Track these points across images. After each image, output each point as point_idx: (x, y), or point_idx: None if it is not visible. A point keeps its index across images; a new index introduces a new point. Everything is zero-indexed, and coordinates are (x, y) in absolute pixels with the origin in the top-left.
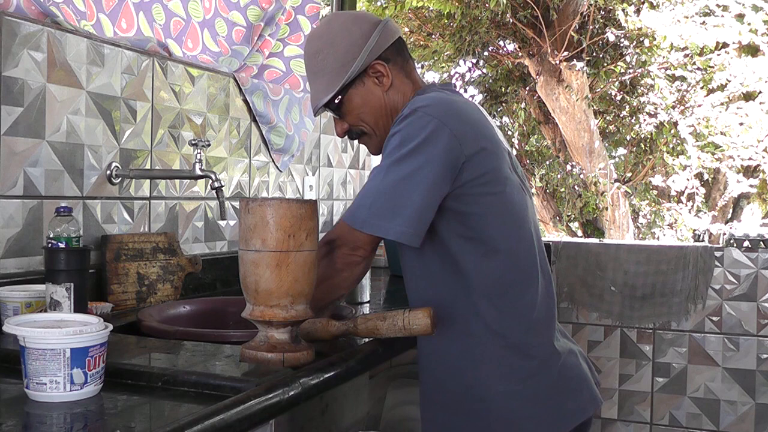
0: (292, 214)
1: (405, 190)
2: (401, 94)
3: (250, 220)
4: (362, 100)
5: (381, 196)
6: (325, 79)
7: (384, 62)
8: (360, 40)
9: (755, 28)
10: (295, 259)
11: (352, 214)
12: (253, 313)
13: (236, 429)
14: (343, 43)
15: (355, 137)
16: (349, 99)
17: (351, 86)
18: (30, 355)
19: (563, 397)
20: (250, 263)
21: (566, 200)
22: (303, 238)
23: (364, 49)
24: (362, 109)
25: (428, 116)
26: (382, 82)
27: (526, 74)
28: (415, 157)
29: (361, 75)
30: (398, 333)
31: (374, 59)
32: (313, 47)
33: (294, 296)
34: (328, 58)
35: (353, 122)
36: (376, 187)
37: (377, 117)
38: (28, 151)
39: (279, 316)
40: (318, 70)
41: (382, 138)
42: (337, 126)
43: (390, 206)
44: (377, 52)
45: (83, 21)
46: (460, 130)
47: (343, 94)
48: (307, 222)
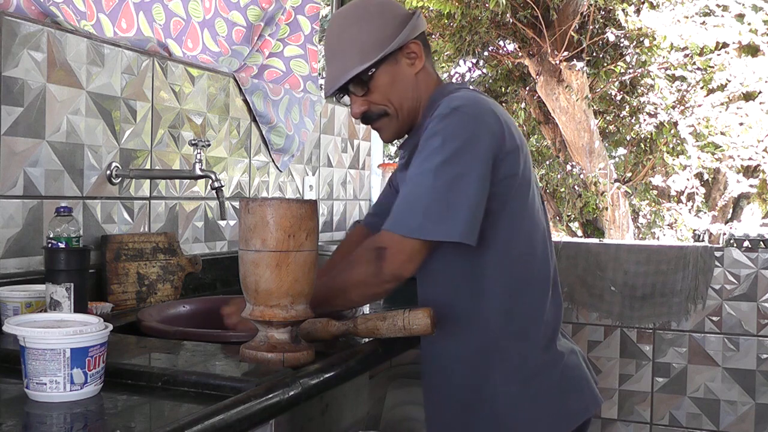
0: (292, 214)
1: (458, 191)
2: (426, 83)
3: (250, 220)
4: (393, 78)
5: (434, 200)
6: (358, 51)
7: (420, 44)
8: (400, 18)
9: (755, 28)
10: (295, 259)
11: (401, 222)
12: (253, 313)
13: (236, 429)
14: (382, 18)
15: (373, 119)
16: (380, 75)
17: (385, 62)
18: (30, 355)
19: (566, 397)
20: (250, 263)
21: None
22: (303, 238)
23: (407, 26)
24: (391, 87)
25: (468, 116)
26: (415, 63)
27: (526, 74)
28: (462, 158)
29: (395, 52)
30: (398, 333)
31: (411, 39)
32: (348, 19)
33: (294, 296)
34: (366, 29)
35: (379, 101)
36: (426, 192)
37: (403, 99)
38: (28, 151)
39: (279, 316)
40: (351, 41)
41: (402, 123)
42: (355, 105)
43: (444, 208)
44: (415, 33)
45: (83, 21)
46: (498, 130)
47: (377, 68)
48: (307, 222)
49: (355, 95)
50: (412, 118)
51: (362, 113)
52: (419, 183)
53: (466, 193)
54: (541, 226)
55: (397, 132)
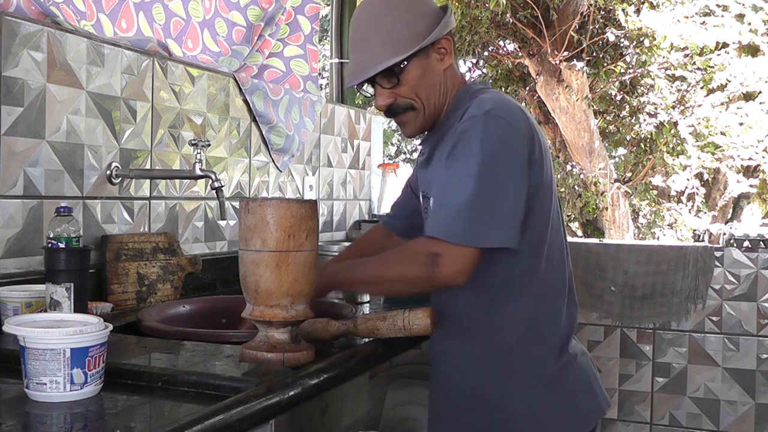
0: (292, 214)
1: (503, 197)
2: (452, 80)
3: (250, 220)
4: (423, 73)
5: (482, 207)
6: (392, 42)
7: (450, 40)
8: (434, 13)
9: (755, 28)
10: (295, 259)
11: (452, 230)
12: (253, 313)
13: (236, 429)
14: (418, 10)
15: (399, 112)
16: (411, 69)
17: (416, 56)
18: (30, 355)
19: (580, 398)
20: (250, 263)
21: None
22: (303, 238)
23: (442, 21)
24: (421, 81)
25: (502, 119)
26: (444, 59)
27: (526, 74)
28: (502, 163)
29: (427, 47)
30: (398, 333)
31: (444, 34)
32: (381, 8)
33: (294, 296)
34: (400, 21)
35: (407, 94)
36: (471, 198)
37: (431, 94)
38: (28, 151)
39: (279, 316)
40: (384, 31)
41: (428, 118)
42: (381, 97)
43: (494, 215)
44: (447, 29)
45: (83, 21)
46: (529, 132)
47: (408, 61)
48: (307, 222)
49: (382, 87)
50: (437, 113)
51: (388, 106)
52: (462, 188)
53: (510, 199)
54: (561, 232)
55: (421, 127)
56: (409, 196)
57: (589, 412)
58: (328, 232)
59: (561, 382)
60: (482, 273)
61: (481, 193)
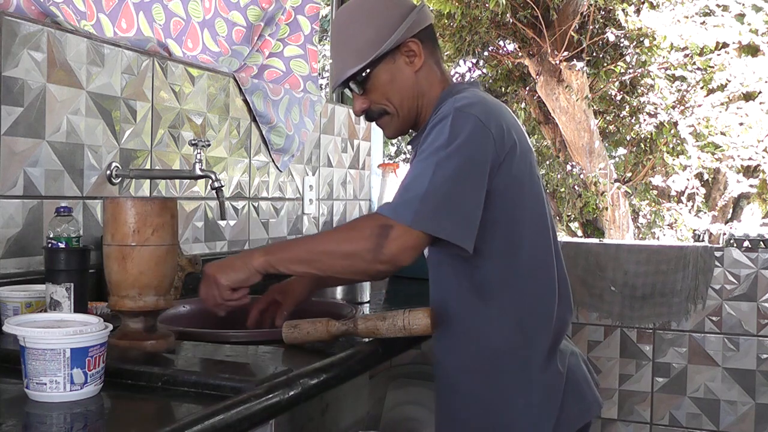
0: (136, 211)
1: (455, 190)
2: (428, 80)
3: (105, 216)
4: (391, 77)
5: (431, 195)
6: (355, 50)
7: (418, 42)
8: (398, 16)
9: (755, 28)
10: (139, 253)
11: (407, 211)
12: (110, 303)
13: (236, 429)
14: (381, 16)
15: (373, 117)
16: (378, 74)
17: (381, 61)
18: (30, 355)
19: (568, 400)
20: (105, 256)
21: (566, 200)
22: (149, 234)
23: (403, 23)
24: (389, 86)
25: (471, 116)
26: (413, 62)
27: (526, 74)
28: (462, 157)
29: (393, 51)
30: (398, 333)
31: (409, 37)
32: (347, 17)
33: (141, 288)
34: (363, 28)
35: (377, 100)
36: (424, 185)
37: (403, 97)
38: (28, 151)
39: (127, 306)
40: (350, 38)
41: (404, 121)
42: (357, 103)
43: (442, 206)
44: (413, 31)
45: (83, 21)
46: (498, 131)
47: (373, 68)
48: (153, 219)
49: (356, 93)
50: (414, 115)
51: (363, 111)
52: (421, 179)
53: (464, 195)
54: (546, 233)
55: (399, 129)
56: None
57: (576, 415)
58: None
59: (547, 384)
60: (462, 275)
61: (438, 185)
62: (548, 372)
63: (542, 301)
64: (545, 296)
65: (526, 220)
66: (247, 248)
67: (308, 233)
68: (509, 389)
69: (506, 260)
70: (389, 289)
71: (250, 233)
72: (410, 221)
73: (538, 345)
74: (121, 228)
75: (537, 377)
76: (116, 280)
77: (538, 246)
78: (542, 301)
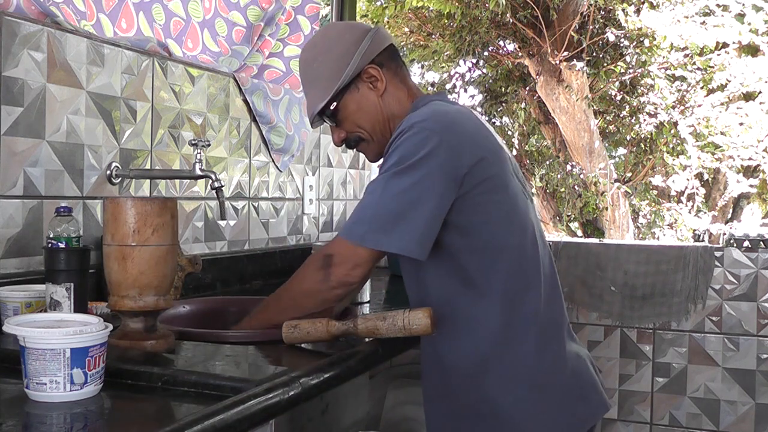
0: (136, 211)
1: (405, 203)
2: (396, 100)
3: (105, 216)
4: (357, 106)
5: (380, 210)
6: (320, 87)
7: (377, 66)
8: (353, 46)
9: (755, 28)
10: (140, 253)
11: (349, 230)
12: (110, 303)
13: (236, 429)
14: (336, 50)
15: (353, 145)
16: (345, 105)
17: (346, 92)
18: (30, 355)
19: (573, 403)
20: (104, 256)
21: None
22: (149, 234)
23: (356, 53)
24: (358, 114)
25: (426, 131)
26: (377, 86)
27: (526, 74)
28: (414, 172)
29: (355, 80)
30: (398, 333)
31: (367, 63)
32: (309, 56)
33: (141, 288)
34: (322, 65)
35: (350, 129)
36: (374, 201)
37: (374, 122)
38: (28, 151)
39: (127, 306)
40: (313, 78)
41: (381, 144)
42: (335, 134)
43: (391, 220)
44: (370, 57)
45: (83, 21)
46: (458, 143)
47: (339, 100)
48: (153, 218)
49: (331, 125)
50: (387, 137)
51: (342, 141)
52: (370, 193)
53: (415, 207)
54: (529, 228)
55: (378, 153)
56: None
57: (581, 418)
58: (328, 232)
59: (550, 385)
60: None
61: (385, 199)
62: (540, 370)
63: (527, 300)
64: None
65: (501, 221)
66: (247, 247)
67: (308, 233)
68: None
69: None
70: (389, 289)
71: (250, 233)
72: (359, 240)
73: (524, 345)
74: (121, 228)
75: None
76: (116, 280)
77: (522, 246)
78: (526, 301)
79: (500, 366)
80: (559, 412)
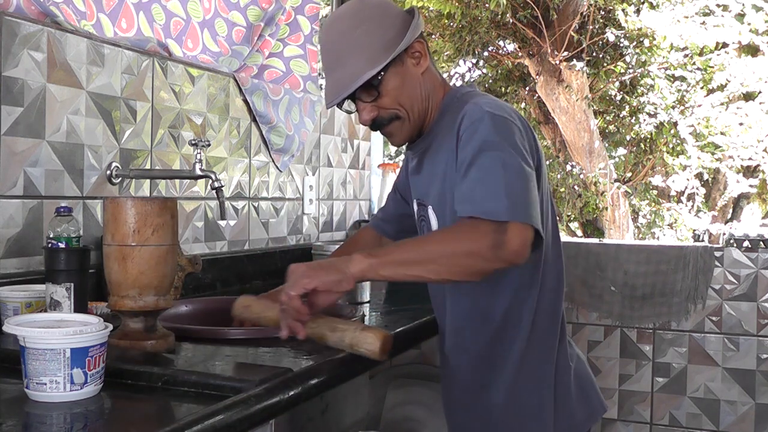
0: (136, 211)
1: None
2: (432, 81)
3: (105, 216)
4: (402, 81)
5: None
6: (366, 56)
7: (423, 41)
8: (401, 19)
9: (755, 28)
10: (140, 253)
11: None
12: (110, 303)
13: (236, 429)
14: (385, 20)
15: (383, 125)
16: (389, 78)
17: (392, 65)
18: (30, 355)
19: (576, 404)
20: (104, 256)
21: (566, 200)
22: (149, 234)
23: (411, 25)
24: (401, 90)
25: (504, 118)
26: (420, 63)
27: (526, 74)
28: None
29: (401, 54)
30: (345, 349)
31: (415, 38)
32: (347, 25)
33: (141, 288)
34: (369, 33)
35: (389, 105)
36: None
37: (413, 100)
38: (28, 151)
39: (128, 306)
40: (356, 46)
41: (415, 124)
42: (365, 112)
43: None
44: (417, 32)
45: (83, 21)
46: (529, 135)
47: (385, 72)
48: (153, 218)
49: (363, 101)
50: (422, 119)
51: (372, 119)
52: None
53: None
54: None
55: (409, 135)
56: (398, 201)
57: (583, 419)
58: (328, 232)
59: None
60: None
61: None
62: (546, 372)
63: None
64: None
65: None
66: (247, 247)
67: (308, 233)
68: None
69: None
70: (389, 289)
71: (250, 233)
72: (522, 217)
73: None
74: (121, 228)
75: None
76: (116, 280)
77: (552, 245)
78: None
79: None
80: (563, 413)
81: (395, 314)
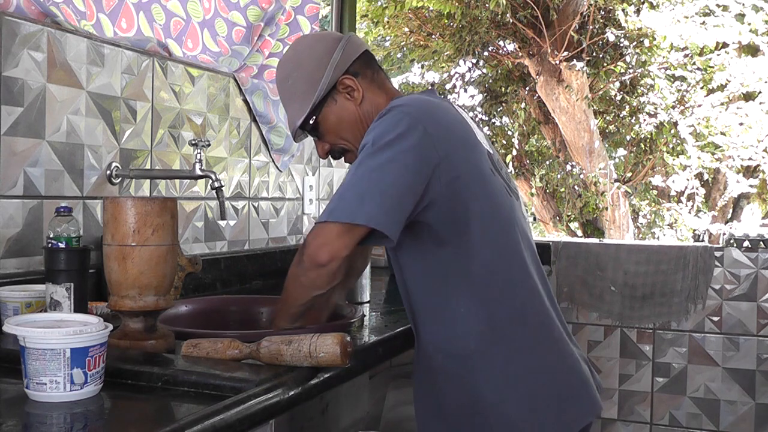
0: (136, 211)
1: (376, 179)
2: (375, 107)
3: (105, 216)
4: (337, 118)
5: (353, 188)
6: (297, 102)
7: (352, 76)
8: (324, 58)
9: (755, 28)
10: (140, 253)
11: (323, 212)
12: (110, 303)
13: (236, 429)
14: (309, 64)
15: (338, 156)
16: (324, 118)
17: (324, 105)
18: (30, 355)
19: (563, 403)
20: (105, 256)
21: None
22: (148, 234)
23: (329, 64)
24: (339, 126)
25: (402, 113)
26: (354, 96)
27: (526, 74)
28: (389, 150)
29: (331, 92)
30: (304, 361)
31: (341, 74)
32: (283, 73)
33: (141, 288)
34: (297, 81)
35: (333, 141)
36: (347, 181)
37: (355, 132)
38: (28, 151)
39: (128, 305)
40: (290, 94)
41: None
42: (319, 148)
43: (361, 194)
44: (343, 67)
45: (83, 21)
46: (434, 129)
47: (317, 114)
48: (153, 218)
49: (315, 139)
50: None
51: (326, 154)
52: (347, 175)
53: (384, 181)
54: (513, 226)
55: None
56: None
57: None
58: None
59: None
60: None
61: (356, 178)
62: (529, 370)
63: (514, 299)
64: (518, 295)
65: (479, 216)
66: (247, 247)
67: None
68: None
69: (461, 256)
70: (389, 289)
71: (250, 233)
72: (326, 216)
73: (512, 343)
74: (121, 228)
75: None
76: (116, 280)
77: (503, 244)
78: (514, 300)
79: (488, 364)
80: (547, 412)
81: (395, 314)
